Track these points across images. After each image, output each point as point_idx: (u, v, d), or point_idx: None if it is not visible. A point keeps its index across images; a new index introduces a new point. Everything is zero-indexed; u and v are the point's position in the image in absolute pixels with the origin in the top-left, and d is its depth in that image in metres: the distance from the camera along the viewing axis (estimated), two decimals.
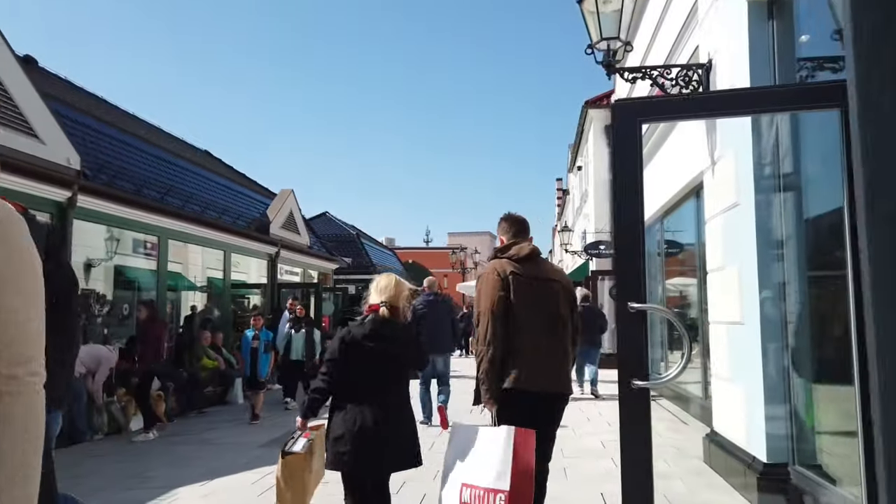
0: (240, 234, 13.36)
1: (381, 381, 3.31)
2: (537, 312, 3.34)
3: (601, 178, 18.88)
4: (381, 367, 3.30)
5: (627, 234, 3.27)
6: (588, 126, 19.79)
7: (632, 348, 3.18)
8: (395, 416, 3.29)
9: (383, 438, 3.20)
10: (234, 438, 7.51)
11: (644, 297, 3.21)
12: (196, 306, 12.46)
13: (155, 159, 11.81)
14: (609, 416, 8.20)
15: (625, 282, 3.24)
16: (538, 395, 3.27)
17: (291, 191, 16.90)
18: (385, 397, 3.28)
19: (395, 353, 3.35)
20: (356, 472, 3.23)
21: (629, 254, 3.23)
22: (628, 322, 3.15)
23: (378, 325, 3.34)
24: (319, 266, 19.05)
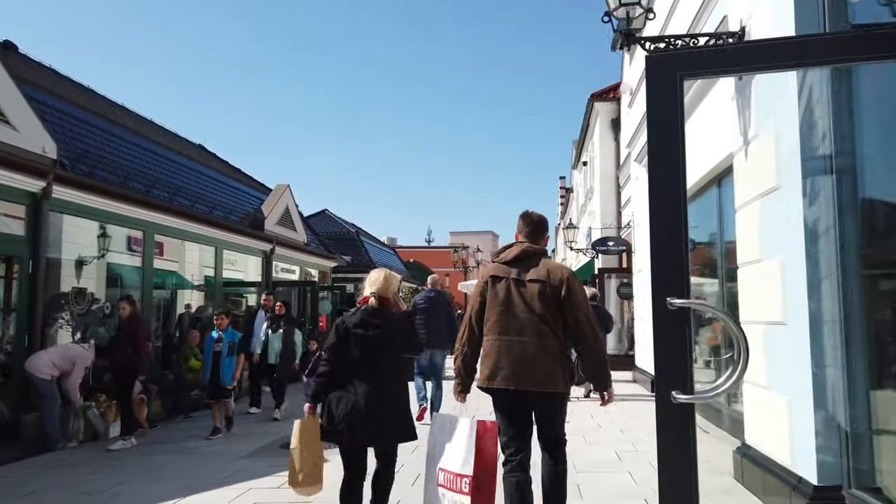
0: (232, 229, 12.82)
1: (373, 364, 3.61)
2: (509, 314, 3.43)
3: (607, 173, 18.31)
4: (371, 351, 3.62)
5: (666, 215, 2.71)
6: (594, 120, 19.20)
7: (672, 354, 2.63)
8: (387, 395, 3.59)
9: (374, 415, 3.51)
10: (217, 447, 6.95)
11: (687, 290, 2.65)
12: (190, 305, 11.92)
13: (142, 150, 11.26)
14: (621, 421, 7.64)
15: (663, 273, 2.69)
16: (507, 391, 3.36)
17: (287, 186, 16.34)
18: (377, 378, 3.58)
19: (385, 339, 3.66)
20: (349, 446, 3.59)
21: (669, 238, 2.68)
22: (668, 322, 2.60)
23: (367, 314, 3.68)
24: (317, 264, 18.49)
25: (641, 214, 11.16)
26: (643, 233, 11.05)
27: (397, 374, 3.78)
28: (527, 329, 3.38)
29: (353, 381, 3.58)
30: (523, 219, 3.74)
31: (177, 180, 11.87)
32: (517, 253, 3.55)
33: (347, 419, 3.51)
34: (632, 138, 11.76)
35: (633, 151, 11.56)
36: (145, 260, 10.09)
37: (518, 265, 3.52)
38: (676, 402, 2.55)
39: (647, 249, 11.05)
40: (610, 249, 12.99)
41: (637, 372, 11.80)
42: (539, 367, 3.35)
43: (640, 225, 11.41)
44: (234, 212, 13.59)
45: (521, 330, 3.39)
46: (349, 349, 3.63)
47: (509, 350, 3.38)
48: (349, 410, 3.51)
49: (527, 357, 3.35)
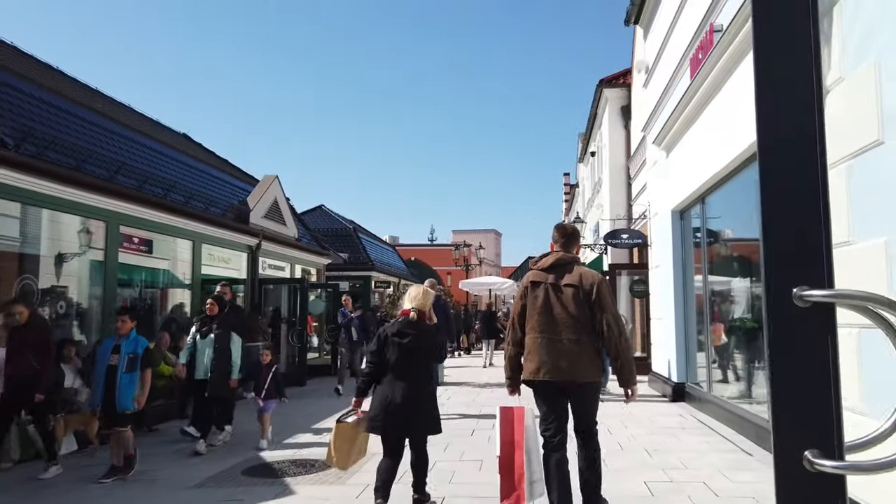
0: (212, 221, 11.75)
1: (407, 368, 4.27)
2: (547, 315, 3.88)
3: (617, 164, 17.23)
4: (406, 357, 4.27)
5: (790, 154, 1.58)
6: (602, 108, 18.11)
7: (802, 384, 1.52)
8: (417, 394, 4.25)
9: (407, 410, 4.17)
10: (169, 470, 5.90)
11: (831, 277, 1.54)
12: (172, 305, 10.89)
13: (105, 133, 10.20)
14: (645, 439, 6.56)
15: (786, 249, 1.56)
16: (546, 383, 3.84)
17: (276, 177, 15.29)
18: (410, 380, 4.24)
19: (418, 347, 4.30)
20: (386, 435, 4.25)
21: (795, 193, 1.56)
22: (795, 329, 1.48)
23: (405, 325, 4.35)
24: (309, 261, 17.43)
25: (660, 203, 10.08)
26: (661, 224, 9.96)
27: (426, 376, 4.49)
28: (564, 328, 3.86)
29: (390, 380, 4.28)
30: (557, 230, 4.28)
31: (148, 167, 10.82)
32: (553, 261, 4.03)
33: (383, 414, 4.22)
34: (648, 120, 10.67)
35: (651, 134, 10.47)
36: (108, 254, 9.03)
37: (554, 272, 4.00)
38: (815, 469, 1.43)
39: (665, 241, 9.96)
40: (623, 242, 11.88)
41: (654, 377, 10.71)
42: (577, 361, 3.82)
43: (657, 215, 10.32)
44: (215, 203, 12.53)
45: (559, 329, 3.87)
46: (388, 354, 4.33)
47: (550, 347, 3.85)
48: (385, 406, 4.21)
49: (566, 353, 3.82)
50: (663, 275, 9.87)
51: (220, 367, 7.01)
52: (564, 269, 3.99)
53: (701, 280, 8.43)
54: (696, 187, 8.07)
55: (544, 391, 3.93)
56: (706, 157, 7.56)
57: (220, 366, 7.01)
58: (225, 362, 7.07)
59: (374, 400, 4.28)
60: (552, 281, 3.95)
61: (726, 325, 7.82)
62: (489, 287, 23.89)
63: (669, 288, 9.37)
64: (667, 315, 9.65)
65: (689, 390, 8.90)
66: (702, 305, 8.47)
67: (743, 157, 6.38)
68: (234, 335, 7.32)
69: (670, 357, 9.46)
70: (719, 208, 7.97)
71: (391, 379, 4.27)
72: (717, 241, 8.16)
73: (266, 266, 14.62)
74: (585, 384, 3.89)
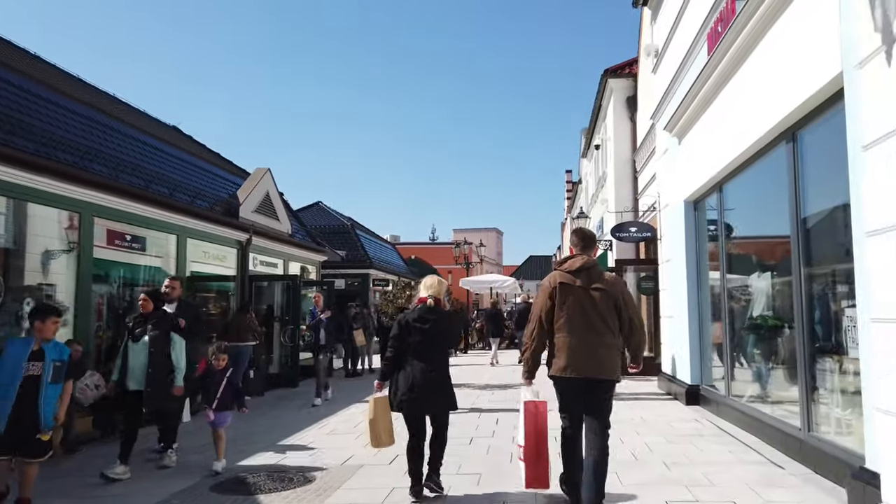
0: (198, 215, 11.16)
1: (426, 350, 4.66)
2: (577, 315, 4.14)
3: (623, 157, 16.61)
4: (425, 340, 4.67)
5: None
6: (608, 99, 17.49)
7: None
8: (436, 374, 4.67)
9: (427, 389, 4.60)
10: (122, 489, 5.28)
11: None
12: None
13: (81, 119, 9.61)
14: (662, 450, 5.95)
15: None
16: (573, 379, 4.11)
17: (268, 170, 14.69)
18: (429, 361, 4.65)
19: (438, 331, 4.72)
20: (409, 412, 4.67)
21: None
22: None
23: (424, 311, 4.75)
24: (303, 257, 16.83)
25: (671, 194, 9.47)
26: (672, 215, 9.35)
27: (444, 358, 4.82)
28: (593, 328, 4.10)
29: (412, 362, 4.59)
30: (576, 234, 4.52)
31: (128, 156, 10.24)
32: (580, 264, 4.23)
33: (408, 393, 4.54)
34: (658, 106, 10.06)
35: (661, 120, 9.86)
36: (82, 248, 8.44)
37: (581, 275, 4.19)
38: None
39: (677, 234, 9.35)
40: (631, 236, 11.24)
41: (664, 378, 10.10)
42: (603, 360, 4.09)
43: (668, 206, 9.71)
44: (202, 196, 11.94)
45: (588, 329, 4.09)
46: (408, 338, 4.63)
47: (579, 346, 4.08)
48: (409, 386, 4.53)
49: (594, 352, 4.08)
50: (675, 270, 9.26)
51: (158, 376, 5.80)
52: (591, 273, 4.23)
53: (718, 275, 7.81)
54: (712, 175, 7.46)
55: (569, 387, 4.18)
56: (724, 142, 6.95)
57: (157, 374, 5.80)
58: (163, 369, 5.85)
59: (399, 381, 4.63)
60: (581, 284, 4.18)
61: (746, 323, 7.21)
62: (490, 285, 23.29)
63: (682, 284, 8.76)
64: (679, 313, 9.05)
65: (703, 393, 8.29)
66: (718, 302, 7.86)
67: (770, 138, 5.77)
68: (176, 336, 6.02)
69: (683, 357, 8.85)
70: (738, 197, 7.35)
71: (413, 361, 4.61)
72: (735, 233, 7.54)
73: (258, 263, 14.03)
74: (607, 381, 4.17)
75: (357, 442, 6.64)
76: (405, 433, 4.73)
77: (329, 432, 7.40)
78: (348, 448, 6.44)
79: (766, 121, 5.65)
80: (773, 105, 5.49)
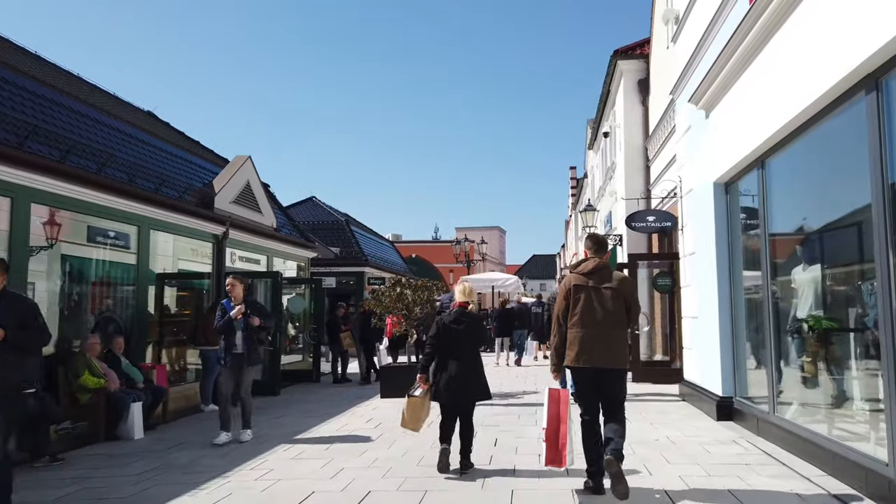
0: (164, 204, 9.99)
1: (461, 348, 5.37)
2: (589, 311, 4.61)
3: (634, 144, 15.40)
4: (460, 339, 5.37)
5: None
6: (617, 83, 16.27)
7: None
8: (470, 368, 5.36)
9: (462, 382, 5.29)
10: None
11: None
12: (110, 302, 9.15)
13: (19, 92, 8.44)
14: (701, 485, 4.74)
15: None
16: (589, 369, 4.57)
17: (248, 157, 13.52)
18: (464, 357, 5.35)
19: (471, 331, 5.45)
20: (446, 402, 5.37)
21: None
22: None
23: (459, 314, 5.49)
24: (291, 254, 15.66)
25: (696, 176, 8.26)
26: (698, 201, 8.15)
27: (476, 354, 5.56)
28: (603, 323, 4.60)
29: (449, 358, 5.36)
30: (590, 239, 5.05)
31: (82, 138, 9.07)
32: (592, 267, 4.75)
33: (446, 385, 5.31)
34: (680, 78, 8.85)
35: (684, 92, 8.65)
36: (13, 237, 7.27)
37: (594, 276, 4.71)
38: None
39: (705, 222, 8.12)
40: (649, 226, 9.99)
41: (687, 388, 8.89)
42: (611, 351, 4.59)
43: (692, 191, 8.50)
44: (171, 183, 10.78)
45: (599, 324, 4.59)
46: (446, 337, 5.40)
47: (591, 339, 4.56)
48: (448, 379, 5.30)
49: (602, 344, 4.57)
50: (702, 264, 8.05)
51: None
52: (602, 274, 4.70)
53: (756, 269, 6.60)
54: (752, 149, 6.26)
55: (582, 375, 4.64)
56: (770, 107, 5.75)
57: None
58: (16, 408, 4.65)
59: (437, 375, 5.33)
60: (593, 284, 4.65)
61: (793, 325, 6.00)
62: (492, 284, 22.06)
63: (711, 279, 7.56)
64: (707, 313, 7.84)
65: (739, 407, 7.09)
66: (758, 299, 6.65)
67: (839, 90, 4.56)
68: None
69: (711, 364, 7.64)
70: (787, 173, 6.13)
71: (449, 358, 5.31)
72: (782, 217, 6.32)
73: (236, 258, 12.86)
74: (617, 370, 4.62)
75: None
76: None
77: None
78: None
79: (833, 70, 4.45)
80: (844, 48, 4.29)
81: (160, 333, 10.57)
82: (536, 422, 7.09)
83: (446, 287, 14.27)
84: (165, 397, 8.71)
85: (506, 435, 6.85)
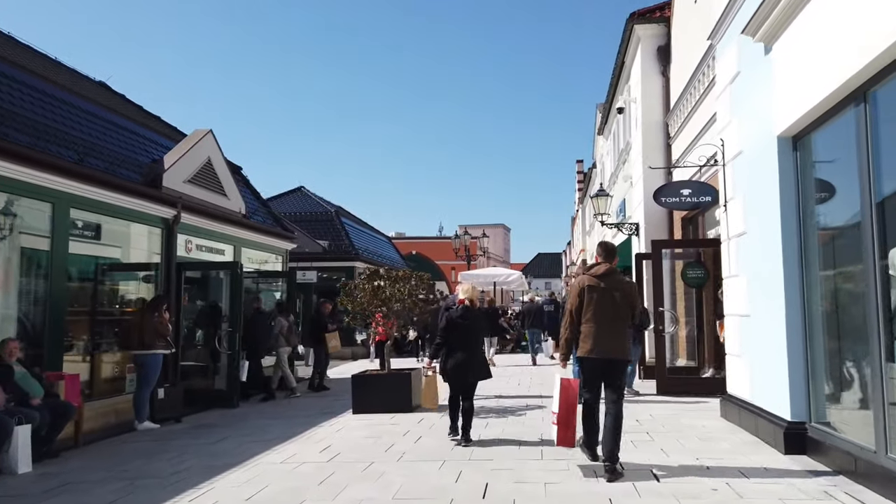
0: (89, 178, 8.21)
1: (466, 339, 6.43)
2: (600, 310, 5.19)
3: (653, 120, 13.54)
4: (465, 331, 6.42)
5: None
6: (633, 51, 14.40)
7: None
8: (473, 355, 6.47)
9: (466, 366, 6.35)
10: None
11: None
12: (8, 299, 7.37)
13: None
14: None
15: None
16: (596, 359, 5.16)
17: (209, 132, 11.70)
18: (468, 346, 6.44)
19: (473, 325, 6.52)
20: (452, 381, 6.45)
21: None
22: None
23: (464, 310, 6.52)
24: (263, 244, 13.83)
25: (749, 134, 6.42)
26: (754, 165, 6.32)
27: (479, 343, 6.81)
28: (611, 320, 5.19)
29: (456, 347, 6.39)
30: (601, 246, 5.56)
31: None
32: (604, 271, 5.30)
33: (453, 368, 6.35)
34: (723, 16, 6.99)
35: (728, 32, 6.80)
36: None
37: (604, 279, 5.26)
38: None
39: (764, 191, 6.15)
40: (684, 201, 8.00)
41: (729, 403, 7.05)
42: (618, 344, 5.20)
43: (742, 154, 6.66)
44: (101, 155, 9.00)
45: (608, 321, 5.17)
46: (453, 330, 6.41)
47: (602, 333, 5.14)
48: (455, 364, 6.34)
49: (613, 338, 5.16)
50: (757, 246, 6.21)
51: None
52: (611, 277, 5.31)
53: (862, 248, 4.72)
54: (843, 80, 4.43)
55: (592, 365, 5.22)
56: (872, 14, 3.91)
57: None
58: None
59: (447, 360, 6.41)
60: (604, 286, 5.24)
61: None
62: (493, 279, 20.20)
63: (773, 265, 5.71)
64: (765, 310, 5.99)
65: (815, 436, 5.25)
66: (855, 291, 4.80)
67: None
68: None
69: (774, 378, 5.79)
70: None
71: (456, 346, 6.40)
72: (892, 169, 4.45)
73: (192, 247, 11.07)
74: (622, 360, 5.28)
75: None
76: None
77: None
78: None
79: None
80: None
81: (92, 335, 8.80)
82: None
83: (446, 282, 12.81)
84: (74, 416, 6.92)
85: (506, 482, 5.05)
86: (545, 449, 5.86)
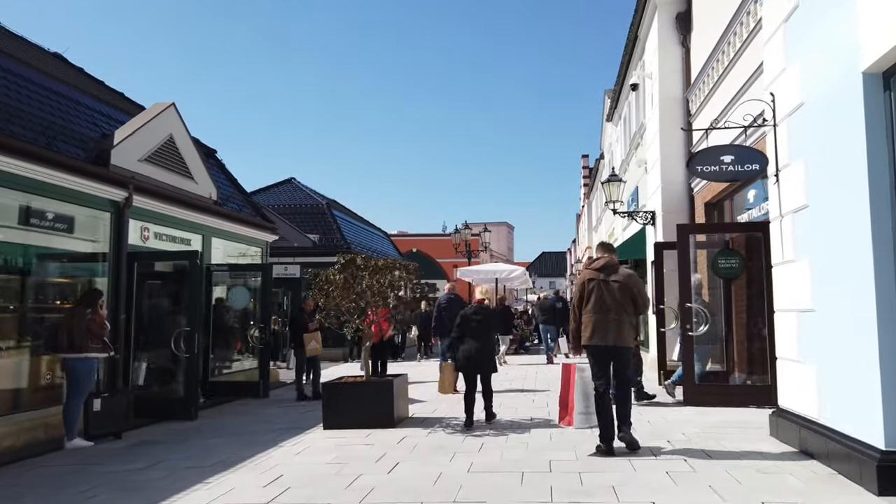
0: (11, 150, 6.87)
1: (478, 334, 7.14)
2: (599, 300, 5.65)
3: (671, 96, 12.16)
4: (478, 328, 7.16)
5: None
6: (649, 20, 12.99)
7: None
8: (484, 348, 7.17)
9: (478, 358, 7.09)
10: None
11: None
12: None
13: None
14: None
15: None
16: (597, 346, 5.61)
17: (171, 105, 10.36)
18: (480, 341, 7.12)
19: (485, 322, 7.25)
20: (465, 372, 7.21)
21: None
22: None
23: (478, 309, 7.36)
24: (238, 234, 12.47)
25: (812, 83, 5.03)
26: (819, 121, 4.93)
27: (490, 339, 7.40)
28: (612, 310, 5.60)
29: (470, 342, 7.09)
30: (602, 246, 6.12)
31: None
32: (602, 263, 5.78)
33: (466, 360, 7.10)
34: None
35: None
36: None
37: (604, 271, 5.74)
38: None
39: (840, 150, 4.53)
40: (725, 170, 6.40)
41: (786, 420, 5.66)
42: (620, 331, 5.59)
43: (803, 107, 5.26)
44: (29, 124, 7.67)
45: (608, 310, 5.60)
46: (467, 326, 7.14)
47: (602, 322, 5.59)
48: (468, 357, 7.07)
49: (612, 326, 5.57)
50: (829, 223, 4.83)
51: None
52: (611, 270, 5.76)
53: None
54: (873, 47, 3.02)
55: (595, 352, 5.67)
56: None
57: None
58: None
59: (461, 354, 7.13)
60: (603, 278, 5.70)
61: None
62: (495, 275, 18.81)
63: (858, 246, 4.33)
64: (840, 303, 4.62)
65: None
66: None
67: None
68: None
69: (857, 394, 4.41)
70: None
71: (470, 340, 7.09)
72: None
73: (150, 235, 9.72)
74: (623, 348, 5.64)
75: None
76: None
77: None
78: None
79: None
80: None
81: (19, 337, 7.47)
82: None
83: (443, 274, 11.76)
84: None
85: None
86: (553, 482, 4.49)
